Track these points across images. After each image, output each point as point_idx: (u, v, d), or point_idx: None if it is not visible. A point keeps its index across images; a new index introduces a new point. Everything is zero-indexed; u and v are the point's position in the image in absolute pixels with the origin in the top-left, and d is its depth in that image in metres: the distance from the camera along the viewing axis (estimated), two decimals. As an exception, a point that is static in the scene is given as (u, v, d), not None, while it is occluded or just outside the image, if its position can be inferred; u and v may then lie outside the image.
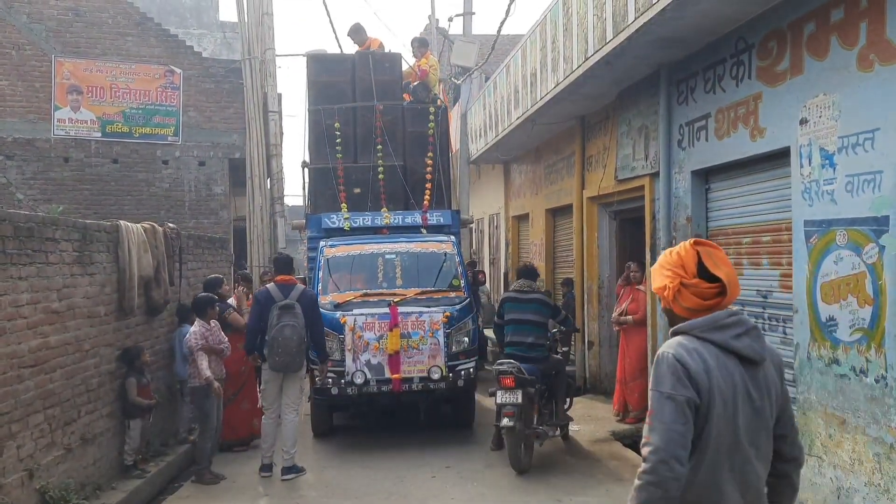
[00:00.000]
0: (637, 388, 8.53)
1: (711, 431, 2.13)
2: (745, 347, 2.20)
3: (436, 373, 7.82)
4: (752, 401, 2.20)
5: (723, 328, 2.21)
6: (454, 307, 8.10)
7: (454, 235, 9.25)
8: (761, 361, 2.23)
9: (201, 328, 6.92)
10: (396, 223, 9.35)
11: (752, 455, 2.18)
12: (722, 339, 2.19)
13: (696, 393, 2.12)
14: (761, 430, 2.22)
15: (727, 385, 2.16)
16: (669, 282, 2.30)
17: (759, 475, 2.22)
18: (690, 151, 7.16)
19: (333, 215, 9.39)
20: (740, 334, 2.22)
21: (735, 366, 2.19)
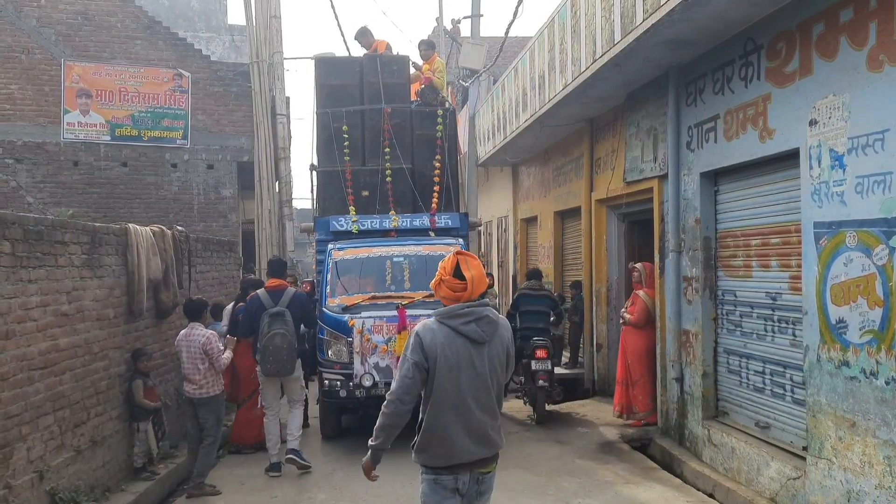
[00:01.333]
0: (642, 391, 8.53)
1: (437, 387, 3.33)
2: (471, 332, 3.38)
3: None
4: (475, 368, 3.37)
5: (456, 317, 3.39)
6: None
7: (462, 238, 9.28)
8: (483, 342, 3.40)
9: (209, 331, 6.92)
10: (404, 226, 9.37)
11: (473, 406, 3.36)
12: (454, 325, 3.38)
13: (424, 359, 3.34)
14: (482, 389, 3.39)
15: (453, 356, 3.33)
16: (438, 277, 3.51)
17: (481, 420, 3.38)
18: (699, 153, 7.16)
19: (342, 218, 9.43)
20: (469, 322, 3.38)
21: (464, 343, 3.37)
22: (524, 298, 9.64)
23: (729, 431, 6.69)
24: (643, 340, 8.51)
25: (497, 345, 3.48)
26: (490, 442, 3.44)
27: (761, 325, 6.33)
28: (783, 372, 6.03)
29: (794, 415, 5.87)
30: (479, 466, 3.45)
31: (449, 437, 3.35)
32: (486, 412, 3.41)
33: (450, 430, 3.35)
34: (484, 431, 3.40)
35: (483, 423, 3.39)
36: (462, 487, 3.42)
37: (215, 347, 6.72)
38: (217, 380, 6.80)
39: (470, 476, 3.44)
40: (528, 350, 9.27)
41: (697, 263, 7.23)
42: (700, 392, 7.19)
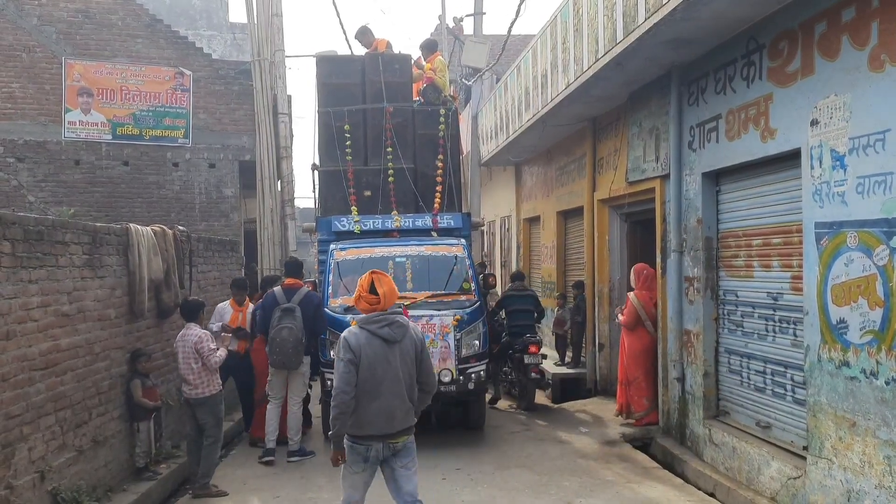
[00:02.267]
0: (637, 391, 8.58)
1: (360, 377, 4.43)
2: (385, 333, 4.48)
3: (446, 376, 7.89)
4: (388, 362, 4.47)
5: (373, 323, 4.51)
6: (465, 310, 8.17)
7: (465, 238, 9.31)
8: (395, 342, 4.50)
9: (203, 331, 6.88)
10: (407, 226, 9.40)
11: (386, 392, 4.45)
12: (371, 329, 4.49)
13: (354, 356, 4.43)
14: (394, 379, 4.47)
15: (372, 354, 4.45)
16: (357, 293, 4.60)
17: (392, 403, 4.47)
18: (701, 153, 7.18)
19: (344, 218, 9.46)
20: (383, 326, 4.50)
21: (379, 343, 4.47)
22: (510, 299, 10.32)
23: (730, 431, 6.72)
24: (636, 341, 8.58)
25: (408, 344, 4.58)
26: (398, 421, 4.54)
27: (762, 325, 6.36)
28: (784, 372, 6.05)
29: (794, 414, 5.90)
30: (389, 438, 4.55)
31: (365, 415, 4.49)
32: (397, 397, 4.52)
33: (366, 410, 4.48)
34: (393, 413, 4.52)
35: (393, 406, 4.51)
36: (375, 455, 4.56)
37: (206, 347, 6.71)
38: (212, 379, 6.78)
39: (383, 445, 4.55)
40: (519, 346, 9.85)
41: (699, 263, 7.25)
42: (701, 392, 7.21)
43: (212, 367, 6.75)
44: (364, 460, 4.57)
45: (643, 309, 8.45)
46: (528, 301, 10.38)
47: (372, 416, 4.47)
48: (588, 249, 10.69)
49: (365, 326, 4.54)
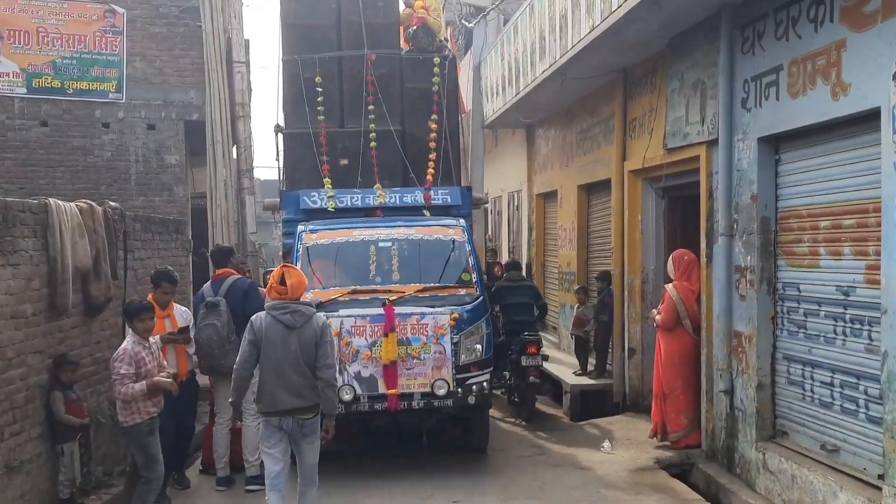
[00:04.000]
0: (674, 406, 8.61)
1: (263, 357, 6.05)
2: (286, 319, 6.03)
3: (441, 388, 7.95)
4: (288, 346, 6.02)
5: (276, 309, 6.06)
6: (464, 307, 8.21)
7: (464, 218, 9.32)
8: (294, 328, 6.04)
9: (133, 346, 6.51)
10: (393, 203, 9.43)
11: (289, 370, 6.01)
12: (275, 314, 6.06)
13: (255, 337, 6.07)
14: (293, 360, 6.02)
15: (273, 336, 6.03)
16: (270, 284, 6.19)
17: (295, 380, 6.02)
18: (757, 113, 7.18)
19: (314, 193, 9.46)
20: (285, 313, 6.05)
21: (280, 328, 6.03)
22: (504, 291, 10.82)
23: (789, 455, 6.75)
24: (675, 345, 8.60)
25: (307, 331, 6.09)
26: (303, 396, 6.07)
27: (830, 326, 6.39)
28: (856, 384, 6.08)
29: (868, 436, 5.93)
30: (297, 413, 6.07)
31: (271, 391, 6.06)
32: (299, 375, 6.05)
33: (272, 387, 6.05)
34: (297, 388, 6.05)
35: (297, 382, 6.04)
36: (286, 427, 6.09)
37: (114, 369, 6.45)
38: (131, 407, 6.48)
39: (293, 420, 6.07)
40: (516, 345, 10.20)
41: (753, 250, 7.27)
42: (754, 407, 7.26)
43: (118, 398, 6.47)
44: (278, 429, 6.11)
45: (683, 304, 8.48)
46: (526, 293, 10.91)
47: (279, 393, 6.03)
48: (616, 232, 10.71)
49: (270, 312, 6.11)
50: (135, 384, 6.38)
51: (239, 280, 8.04)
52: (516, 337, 10.29)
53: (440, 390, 7.94)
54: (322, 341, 6.11)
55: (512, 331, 10.45)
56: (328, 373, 6.09)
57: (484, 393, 8.19)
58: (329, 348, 6.14)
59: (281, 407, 6.02)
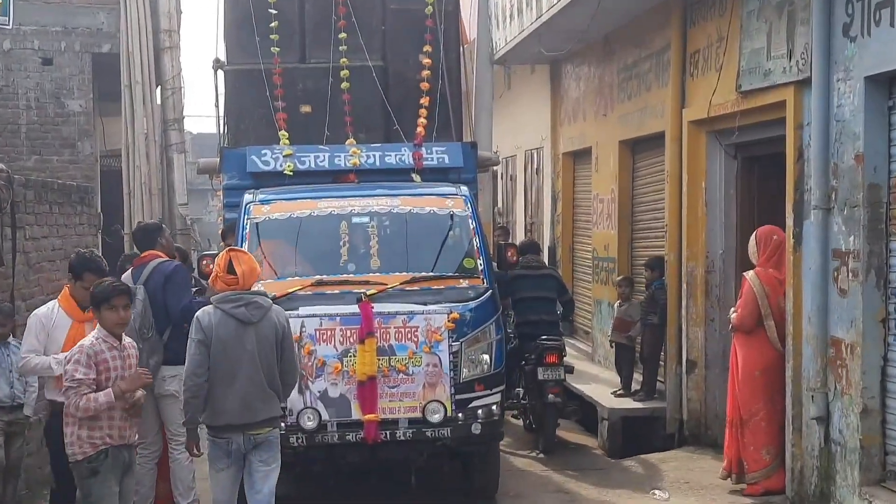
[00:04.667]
0: (754, 436, 8.53)
1: (213, 361, 6.38)
2: (240, 314, 6.40)
3: (435, 412, 7.94)
4: (243, 345, 6.38)
5: (228, 302, 6.43)
6: (467, 305, 8.21)
7: (467, 185, 9.33)
8: (251, 323, 6.41)
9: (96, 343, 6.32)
10: (371, 164, 9.43)
11: (242, 377, 6.37)
12: (226, 308, 6.41)
13: (205, 337, 6.39)
14: (250, 363, 6.40)
15: (225, 335, 6.39)
16: (215, 273, 6.57)
17: (249, 390, 6.40)
18: (864, 44, 7.09)
19: (266, 151, 9.47)
20: (239, 306, 6.41)
21: (234, 325, 6.39)
22: (520, 281, 10.74)
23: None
24: (756, 354, 8.52)
25: (266, 327, 6.47)
26: (257, 409, 6.42)
27: (963, 331, 6.31)
28: None
29: None
30: (250, 430, 6.41)
31: (221, 402, 6.37)
32: (254, 384, 6.40)
33: (222, 397, 6.36)
34: (251, 400, 6.39)
35: (251, 392, 6.39)
36: (237, 448, 6.42)
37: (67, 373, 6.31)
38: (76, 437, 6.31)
39: (244, 437, 6.41)
40: (531, 353, 10.32)
41: (857, 228, 7.23)
42: (857, 440, 7.21)
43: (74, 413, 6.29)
44: (227, 455, 6.45)
45: (767, 298, 8.39)
46: (546, 284, 10.97)
47: (228, 403, 6.36)
48: (671, 204, 10.65)
49: (220, 306, 6.41)
50: (98, 394, 6.16)
51: (163, 263, 8.05)
52: (532, 342, 10.32)
53: (434, 416, 7.92)
54: (286, 342, 6.59)
55: (527, 334, 10.52)
56: (292, 374, 6.73)
57: (493, 420, 8.16)
58: (293, 345, 6.80)
59: (228, 420, 6.38)
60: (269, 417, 6.49)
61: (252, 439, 6.42)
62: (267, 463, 6.52)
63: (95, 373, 6.19)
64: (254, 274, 6.55)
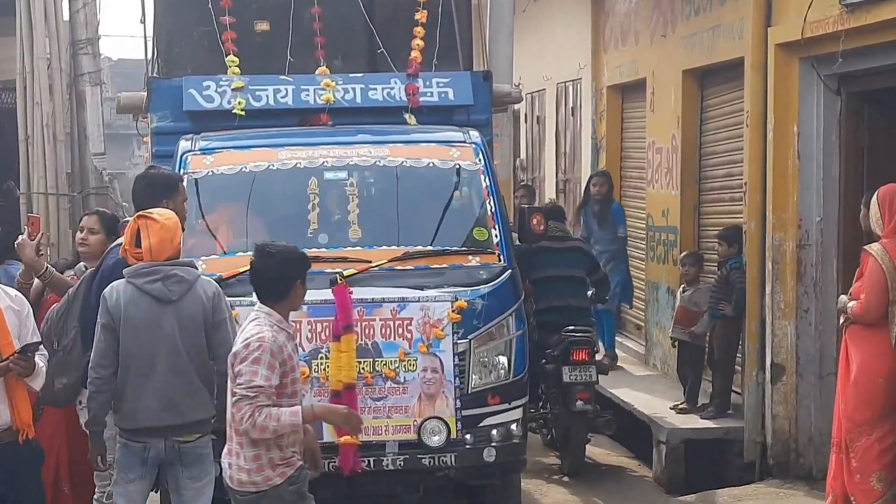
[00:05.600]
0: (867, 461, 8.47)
1: (122, 348, 6.61)
2: (155, 290, 6.57)
3: (436, 433, 8.00)
4: (162, 328, 6.57)
5: (140, 275, 6.61)
6: (478, 290, 8.27)
7: (479, 129, 9.36)
8: (169, 301, 6.58)
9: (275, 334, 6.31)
10: (351, 101, 9.50)
11: (161, 368, 6.56)
12: (138, 283, 6.60)
13: (111, 320, 6.63)
14: (171, 351, 6.57)
15: (138, 317, 6.58)
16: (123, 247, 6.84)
17: (171, 383, 6.56)
18: None
19: (210, 83, 9.54)
20: (154, 280, 6.57)
21: (148, 303, 6.58)
22: (541, 256, 10.99)
23: None
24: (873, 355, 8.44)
25: (190, 304, 6.59)
26: (182, 408, 6.53)
27: None
28: None
29: None
30: (173, 433, 6.54)
31: (136, 400, 6.54)
32: (177, 375, 6.52)
33: (135, 392, 6.54)
34: (174, 396, 6.51)
35: (173, 386, 6.52)
36: (155, 456, 6.57)
37: (242, 374, 6.39)
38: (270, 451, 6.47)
39: (165, 444, 6.53)
40: (555, 348, 10.51)
41: None
42: None
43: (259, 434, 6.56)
44: (142, 463, 6.61)
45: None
46: (574, 259, 11.28)
47: (145, 400, 6.53)
48: (753, 155, 10.61)
49: (132, 280, 6.62)
50: (283, 411, 6.16)
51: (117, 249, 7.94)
52: (556, 333, 10.43)
53: (433, 438, 7.99)
54: (217, 319, 6.69)
55: (549, 324, 10.70)
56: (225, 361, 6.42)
57: (512, 443, 8.22)
58: (231, 325, 6.74)
59: (146, 423, 6.56)
60: (198, 419, 6.61)
61: (177, 447, 6.56)
62: (197, 479, 6.64)
63: (279, 377, 6.19)
64: (169, 245, 6.64)
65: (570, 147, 17.32)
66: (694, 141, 12.72)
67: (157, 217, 6.70)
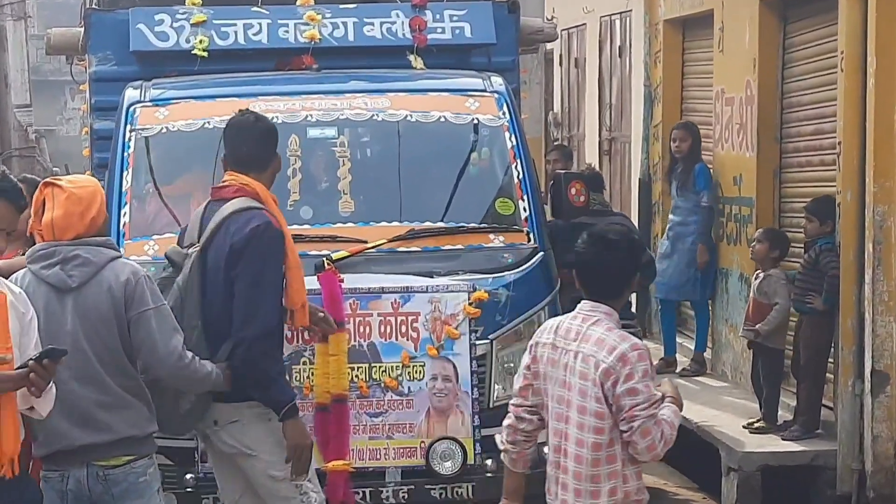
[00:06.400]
0: None
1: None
2: (52, 277, 6.36)
3: (448, 457, 8.07)
4: (60, 325, 6.33)
5: (36, 260, 6.44)
6: (501, 277, 8.34)
7: (503, 74, 9.40)
8: (68, 289, 6.36)
9: None
10: (340, 39, 9.56)
11: (67, 376, 6.09)
12: (35, 269, 6.43)
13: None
14: (76, 353, 6.10)
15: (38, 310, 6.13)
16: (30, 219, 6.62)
17: (81, 394, 6.26)
18: None
19: (163, 16, 9.57)
20: (52, 265, 6.36)
21: (47, 293, 6.38)
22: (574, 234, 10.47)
23: None
24: None
25: (95, 293, 6.37)
26: (99, 423, 6.32)
27: None
28: None
29: None
30: (94, 456, 6.33)
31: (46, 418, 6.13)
32: (87, 384, 6.31)
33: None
34: (87, 410, 6.30)
35: (84, 398, 6.30)
36: (76, 489, 6.34)
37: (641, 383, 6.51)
38: None
39: (87, 472, 6.33)
40: None
41: None
42: None
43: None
44: (60, 498, 6.39)
45: None
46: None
47: (54, 417, 6.16)
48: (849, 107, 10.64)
49: (29, 265, 6.54)
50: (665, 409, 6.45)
51: (249, 213, 7.83)
52: None
53: (446, 463, 8.05)
54: (135, 313, 6.40)
55: None
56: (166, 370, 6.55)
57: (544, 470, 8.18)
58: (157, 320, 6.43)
59: (60, 445, 6.36)
60: (123, 437, 6.34)
61: (101, 474, 6.32)
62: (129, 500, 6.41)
63: None
64: (76, 223, 6.39)
65: (617, 97, 17.38)
66: (774, 89, 12.74)
67: (67, 185, 6.47)
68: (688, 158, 13.56)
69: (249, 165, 7.18)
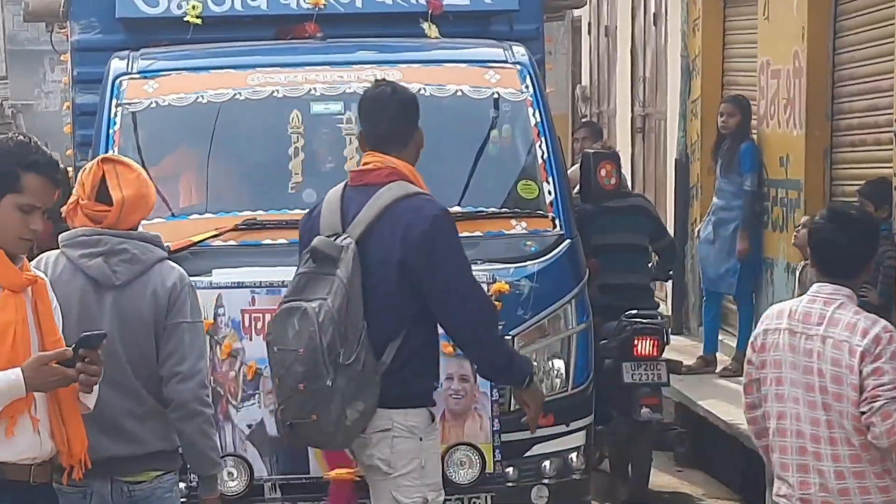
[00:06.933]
0: None
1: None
2: (94, 269, 6.14)
3: (464, 464, 8.06)
4: (96, 323, 5.95)
5: (75, 246, 6.22)
6: (523, 268, 8.34)
7: (526, 44, 9.40)
8: (110, 286, 6.15)
9: None
10: (347, 4, 9.57)
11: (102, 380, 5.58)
12: (73, 256, 6.19)
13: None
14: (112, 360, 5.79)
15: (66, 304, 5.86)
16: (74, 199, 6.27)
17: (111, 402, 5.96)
18: None
19: None
20: (96, 255, 6.14)
21: (83, 285, 6.17)
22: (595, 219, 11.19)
23: None
24: None
25: (139, 295, 6.22)
26: (128, 434, 6.20)
27: None
28: None
29: None
30: (118, 471, 6.19)
31: None
32: (118, 391, 6.11)
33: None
34: (117, 418, 6.14)
35: (114, 405, 6.08)
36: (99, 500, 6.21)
37: None
38: None
39: (111, 486, 6.20)
40: (612, 338, 10.62)
41: None
42: None
43: None
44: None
45: None
46: (636, 223, 11.92)
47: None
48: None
49: (66, 251, 6.31)
50: None
51: (418, 199, 7.75)
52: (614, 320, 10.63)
53: (462, 471, 8.06)
54: (172, 322, 6.24)
55: (606, 307, 10.60)
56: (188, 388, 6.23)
57: (573, 480, 8.31)
58: (191, 337, 6.28)
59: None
60: (154, 451, 6.23)
61: (125, 490, 6.20)
62: None
63: None
64: (141, 209, 6.34)
65: (651, 70, 17.47)
66: (825, 61, 12.76)
67: (132, 163, 6.40)
68: (735, 136, 13.60)
69: (389, 143, 7.18)
